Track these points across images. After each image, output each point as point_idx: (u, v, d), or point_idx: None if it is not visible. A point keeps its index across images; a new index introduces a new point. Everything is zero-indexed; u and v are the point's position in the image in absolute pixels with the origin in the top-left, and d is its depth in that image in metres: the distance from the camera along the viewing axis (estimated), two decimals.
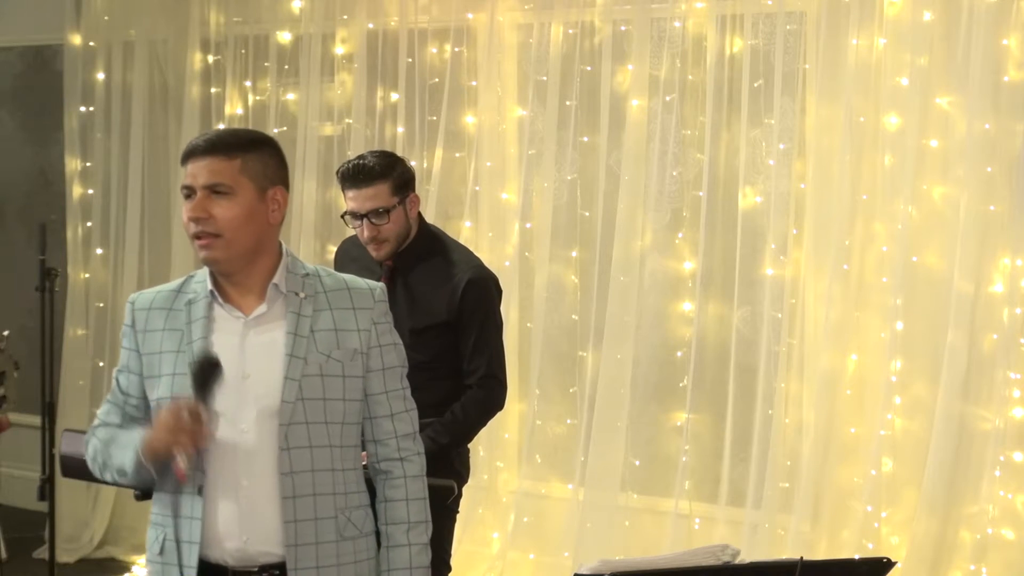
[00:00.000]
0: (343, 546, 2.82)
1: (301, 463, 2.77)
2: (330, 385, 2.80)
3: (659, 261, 5.35)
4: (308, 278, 2.86)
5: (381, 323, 2.87)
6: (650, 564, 2.98)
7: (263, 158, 2.80)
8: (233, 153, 2.76)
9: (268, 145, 2.86)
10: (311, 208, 6.07)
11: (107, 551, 6.55)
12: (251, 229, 2.77)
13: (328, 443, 2.80)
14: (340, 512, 2.81)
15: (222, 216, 2.74)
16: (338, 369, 2.81)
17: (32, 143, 7.24)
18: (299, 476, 2.76)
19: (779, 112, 5.09)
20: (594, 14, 5.47)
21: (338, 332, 2.82)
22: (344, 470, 2.83)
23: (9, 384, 5.42)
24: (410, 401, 2.93)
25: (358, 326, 2.84)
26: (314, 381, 2.78)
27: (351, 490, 2.84)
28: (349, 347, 2.82)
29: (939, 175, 4.87)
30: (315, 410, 2.78)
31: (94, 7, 6.64)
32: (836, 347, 4.98)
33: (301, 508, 2.77)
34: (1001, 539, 4.73)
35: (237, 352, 2.79)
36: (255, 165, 2.78)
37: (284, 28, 6.21)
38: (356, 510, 2.85)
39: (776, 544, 5.00)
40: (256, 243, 2.79)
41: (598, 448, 5.35)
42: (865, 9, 4.92)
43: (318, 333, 2.81)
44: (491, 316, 4.11)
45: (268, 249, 2.83)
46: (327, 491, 2.80)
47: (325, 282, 2.88)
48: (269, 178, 2.80)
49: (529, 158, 5.60)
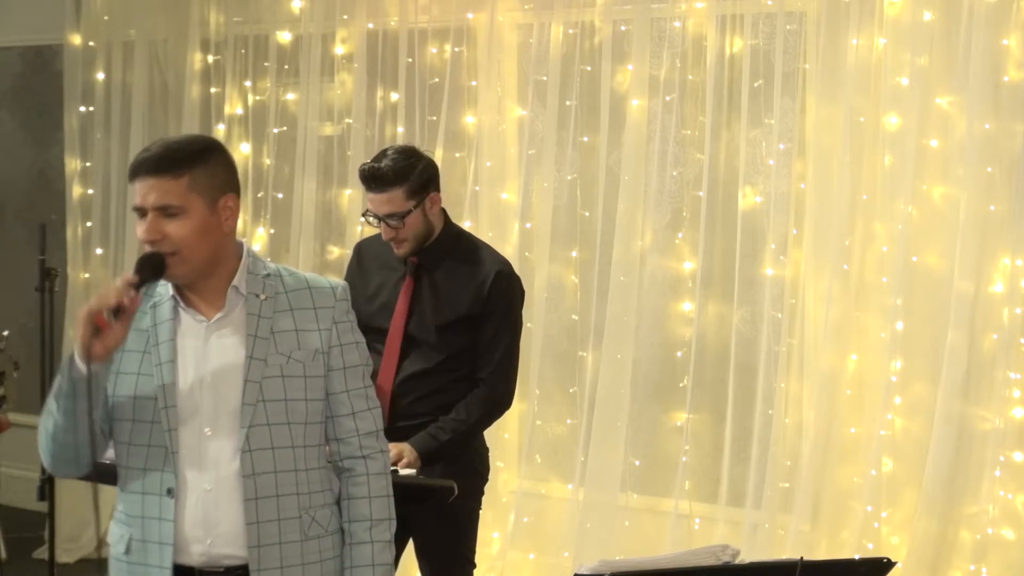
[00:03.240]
0: (308, 545, 2.84)
1: (263, 465, 2.79)
2: (291, 386, 2.81)
3: (659, 261, 5.35)
4: (269, 279, 2.87)
5: (342, 322, 2.88)
6: (650, 564, 2.98)
7: (210, 168, 2.77)
8: (179, 171, 2.72)
9: (214, 152, 2.81)
10: (311, 208, 6.07)
11: (107, 551, 6.53)
12: (206, 243, 2.76)
13: (291, 444, 2.82)
14: (304, 512, 2.83)
15: (176, 234, 2.72)
16: (299, 370, 2.82)
17: (32, 143, 7.24)
18: (261, 477, 2.78)
19: (779, 112, 5.09)
20: (594, 14, 5.47)
21: (299, 332, 2.84)
22: (308, 469, 2.84)
23: (9, 384, 5.42)
24: (373, 400, 2.93)
25: (319, 325, 2.85)
26: (275, 382, 2.80)
27: (315, 489, 2.86)
28: (310, 347, 2.83)
29: (939, 175, 4.87)
30: (277, 411, 2.80)
31: (94, 7, 6.64)
32: (836, 347, 4.98)
33: (264, 509, 2.79)
34: (1001, 539, 4.73)
35: (200, 355, 2.81)
36: (202, 179, 2.74)
37: (284, 28, 6.21)
38: (321, 509, 2.87)
39: (776, 544, 5.00)
40: (213, 254, 2.79)
41: (598, 448, 5.35)
42: (865, 9, 4.92)
43: (278, 334, 2.82)
44: (511, 313, 4.10)
45: (226, 255, 2.83)
46: (290, 491, 2.81)
47: (286, 282, 2.88)
48: (218, 188, 2.78)
49: (529, 158, 5.60)
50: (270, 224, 6.25)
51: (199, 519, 2.78)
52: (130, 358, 2.83)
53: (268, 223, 6.26)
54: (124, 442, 2.85)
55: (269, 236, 6.22)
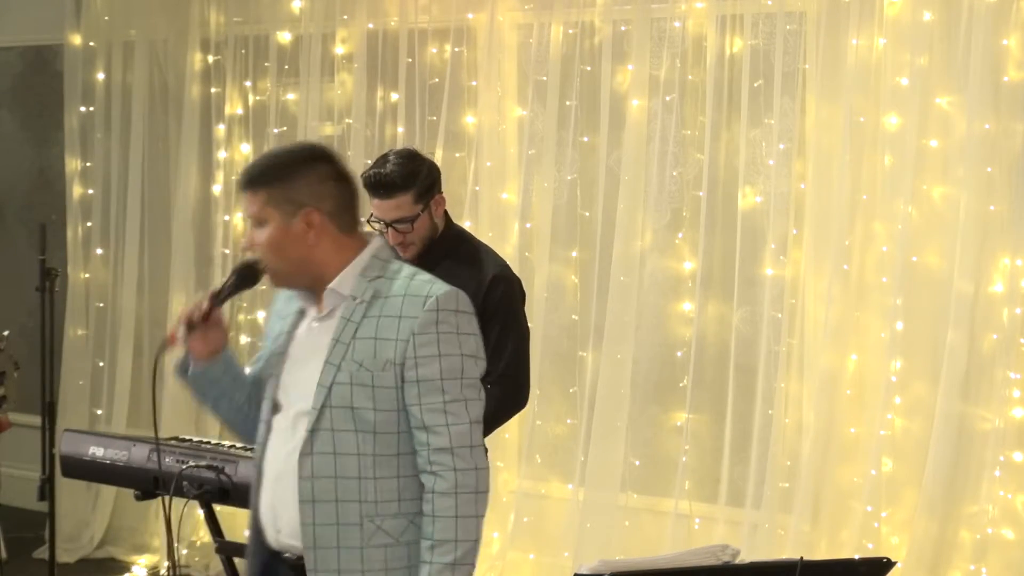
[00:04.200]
0: (371, 553, 2.81)
1: (323, 469, 2.80)
2: (359, 394, 2.80)
3: (659, 261, 5.35)
4: (378, 281, 2.86)
5: (423, 334, 2.79)
6: (650, 564, 2.99)
7: (290, 184, 2.85)
8: (256, 187, 2.87)
9: (299, 166, 2.88)
10: None
11: (107, 551, 6.55)
12: (286, 254, 2.86)
13: (357, 451, 2.80)
14: (367, 520, 2.81)
15: (260, 244, 2.88)
16: (368, 379, 2.80)
17: (32, 143, 7.24)
18: (320, 481, 2.80)
19: (779, 112, 5.09)
20: (594, 14, 5.47)
21: (377, 341, 2.81)
22: (376, 478, 2.81)
23: (9, 384, 5.43)
24: (455, 415, 2.80)
25: (398, 336, 2.80)
26: (343, 389, 2.81)
27: (384, 499, 2.81)
28: (383, 357, 2.80)
29: (939, 175, 4.87)
30: (343, 418, 2.81)
31: (94, 7, 6.64)
32: (836, 347, 4.98)
33: (321, 512, 2.81)
34: (1001, 539, 4.73)
35: (300, 352, 2.92)
36: (278, 195, 2.85)
37: (284, 28, 6.21)
38: (392, 519, 2.82)
39: (776, 544, 5.00)
40: (299, 264, 2.87)
41: (598, 448, 5.35)
42: (865, 9, 4.92)
43: (358, 340, 2.82)
44: (513, 314, 4.08)
45: (324, 262, 2.87)
46: (352, 498, 2.80)
47: (392, 287, 2.86)
48: (296, 203, 2.84)
49: (529, 158, 5.60)
50: None
51: (269, 506, 2.91)
52: (269, 346, 3.02)
53: None
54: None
55: None
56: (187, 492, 4.10)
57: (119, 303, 6.62)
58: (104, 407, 6.64)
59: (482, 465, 2.84)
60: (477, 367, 2.86)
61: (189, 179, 6.43)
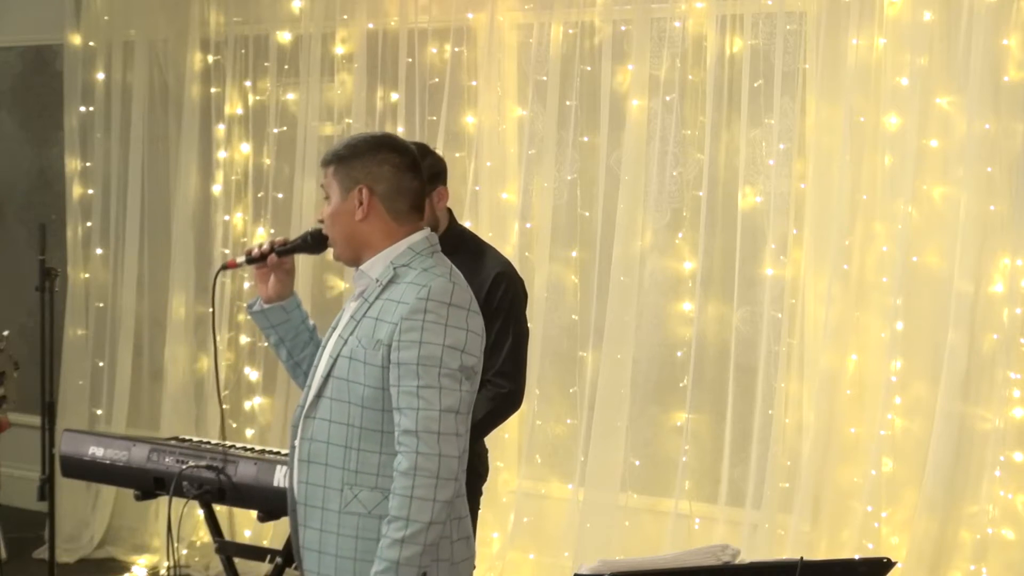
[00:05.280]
0: (345, 519, 2.99)
1: (319, 433, 3.03)
2: (354, 368, 3.00)
3: (659, 261, 5.35)
4: (402, 269, 3.05)
5: (409, 319, 2.95)
6: (650, 564, 2.99)
7: (353, 163, 3.08)
8: (327, 164, 3.12)
9: (363, 150, 3.10)
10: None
11: (107, 551, 6.55)
12: (339, 225, 3.09)
13: (347, 422, 3.00)
14: (347, 487, 2.99)
15: (323, 214, 3.14)
16: (361, 355, 2.99)
17: (32, 143, 7.24)
18: (315, 444, 3.03)
19: (779, 112, 5.09)
20: (594, 14, 5.47)
21: (377, 321, 3.00)
22: (360, 450, 2.99)
23: (9, 384, 5.42)
24: (426, 401, 2.92)
25: (392, 319, 2.98)
26: (343, 362, 3.02)
27: (364, 470, 2.99)
28: (375, 336, 2.98)
29: (939, 175, 4.87)
30: (339, 389, 3.01)
31: (94, 7, 6.64)
32: (836, 347, 4.98)
33: (313, 473, 3.04)
34: (1001, 539, 4.74)
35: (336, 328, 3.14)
36: (342, 170, 3.09)
37: (284, 28, 6.21)
38: (368, 491, 2.98)
39: (776, 544, 5.00)
40: (347, 239, 3.10)
41: (598, 448, 5.35)
42: (865, 9, 4.92)
43: (364, 319, 3.03)
44: (513, 313, 4.07)
45: (370, 241, 3.09)
46: (337, 464, 3.00)
47: (409, 275, 3.04)
48: (353, 179, 3.07)
49: (529, 158, 5.60)
50: (270, 224, 6.25)
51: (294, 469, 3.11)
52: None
53: (268, 223, 6.26)
54: None
55: (269, 236, 6.22)
56: (187, 492, 4.10)
57: (119, 303, 6.62)
58: (104, 407, 6.64)
59: (448, 452, 2.92)
60: (460, 359, 2.96)
61: (189, 179, 6.43)
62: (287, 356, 3.32)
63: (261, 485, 4.09)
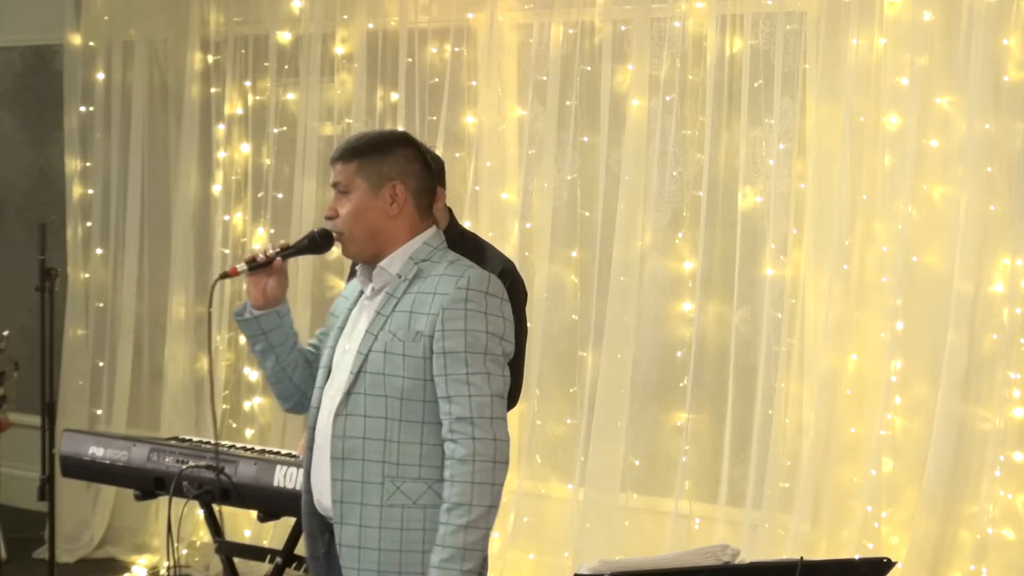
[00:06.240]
0: (388, 511, 3.01)
1: (354, 429, 3.03)
2: (390, 362, 3.01)
3: (659, 261, 5.35)
4: (424, 264, 3.09)
5: (451, 309, 2.99)
6: (650, 564, 2.99)
7: (381, 158, 3.10)
8: (351, 158, 3.11)
9: (389, 145, 3.13)
10: (311, 207, 6.07)
11: (107, 551, 6.55)
12: (364, 222, 3.09)
13: (385, 415, 3.02)
14: (389, 480, 3.01)
15: (343, 213, 3.10)
16: (399, 348, 3.01)
17: (32, 143, 7.24)
18: (350, 441, 3.03)
19: (779, 112, 5.09)
20: (594, 14, 5.47)
21: (412, 314, 3.02)
22: (400, 442, 3.01)
23: (9, 384, 5.43)
24: (476, 387, 2.99)
25: (430, 310, 3.00)
26: (377, 357, 3.03)
27: (405, 462, 3.02)
28: (414, 328, 3.01)
29: (939, 175, 4.87)
30: (375, 383, 3.02)
31: (94, 7, 6.64)
32: (836, 347, 4.98)
33: (349, 469, 3.03)
34: (1001, 539, 4.73)
35: (353, 326, 3.15)
36: (370, 166, 3.09)
37: (284, 28, 6.21)
38: (411, 482, 3.01)
39: (776, 544, 5.00)
40: (373, 233, 3.09)
41: (598, 448, 5.35)
42: (865, 9, 4.92)
43: (396, 314, 3.05)
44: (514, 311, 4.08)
45: (393, 237, 3.10)
46: (376, 458, 3.01)
47: (434, 269, 3.08)
48: (385, 175, 3.09)
49: (529, 158, 5.60)
50: (270, 224, 6.25)
51: (316, 470, 3.13)
52: (333, 323, 3.23)
53: (268, 223, 6.26)
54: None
55: (269, 236, 6.22)
56: (187, 492, 4.11)
57: (119, 303, 6.62)
58: (104, 407, 6.64)
59: (501, 437, 3.06)
60: (501, 346, 3.05)
61: (189, 179, 6.43)
62: (275, 363, 3.24)
63: (261, 485, 4.10)
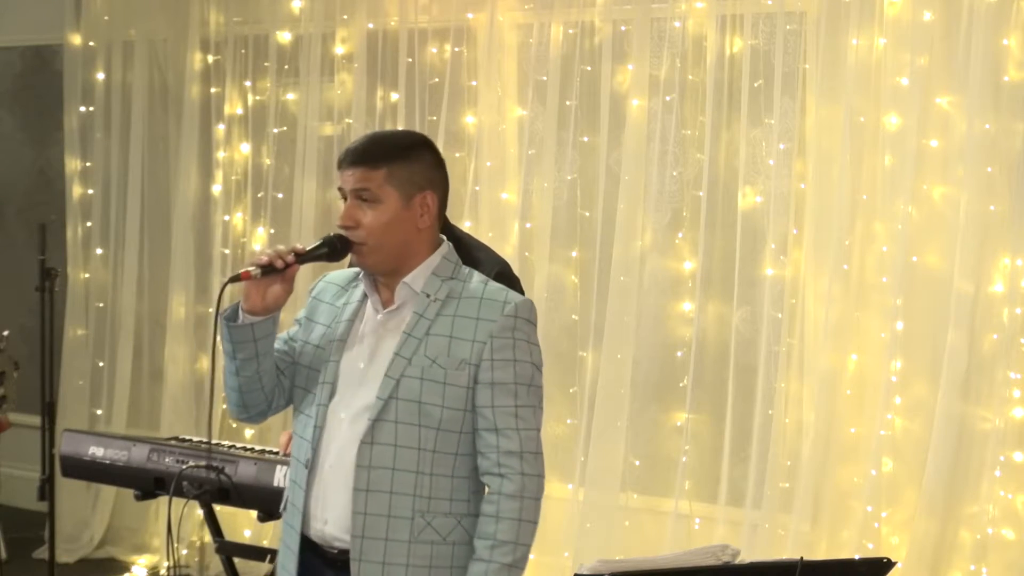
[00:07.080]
0: (417, 548, 2.82)
1: (382, 460, 2.81)
2: (428, 389, 2.82)
3: (659, 261, 5.35)
4: (450, 282, 2.89)
5: (500, 337, 2.83)
6: (650, 564, 2.99)
7: (411, 165, 2.86)
8: (379, 164, 2.84)
9: (417, 149, 2.90)
10: (311, 208, 6.07)
11: (107, 551, 6.55)
12: (395, 234, 2.85)
13: (418, 446, 2.82)
14: (419, 515, 2.82)
15: (368, 223, 2.84)
16: (440, 375, 2.82)
17: (32, 143, 7.24)
18: (376, 472, 2.81)
19: (779, 112, 5.09)
20: (594, 14, 5.47)
21: (452, 340, 2.83)
22: (433, 475, 2.83)
23: (9, 384, 5.43)
24: (525, 420, 2.84)
25: (475, 337, 2.83)
26: (412, 383, 2.82)
27: (437, 496, 2.83)
28: (457, 356, 2.83)
29: (939, 175, 4.87)
30: (409, 411, 2.82)
31: (94, 7, 6.64)
32: (836, 347, 4.98)
33: (374, 503, 2.81)
34: (1001, 539, 4.73)
35: (366, 343, 2.90)
36: (400, 173, 2.84)
37: (284, 28, 6.21)
38: (442, 517, 2.84)
39: (776, 544, 5.00)
40: (401, 247, 2.87)
41: (598, 448, 5.36)
42: (865, 9, 4.92)
43: (432, 337, 2.84)
44: None
45: (417, 251, 2.89)
46: (406, 492, 2.81)
47: (467, 288, 2.89)
48: (416, 184, 2.86)
49: (529, 158, 5.60)
50: (270, 224, 6.25)
51: (319, 496, 2.88)
52: (318, 330, 2.97)
53: (268, 223, 6.26)
54: (297, 408, 2.99)
55: (269, 236, 6.22)
56: (187, 492, 4.11)
57: (119, 303, 6.62)
58: (104, 407, 6.64)
59: (542, 472, 2.86)
60: (540, 377, 2.89)
61: (189, 179, 6.43)
62: (253, 372, 2.93)
63: (261, 485, 4.09)
